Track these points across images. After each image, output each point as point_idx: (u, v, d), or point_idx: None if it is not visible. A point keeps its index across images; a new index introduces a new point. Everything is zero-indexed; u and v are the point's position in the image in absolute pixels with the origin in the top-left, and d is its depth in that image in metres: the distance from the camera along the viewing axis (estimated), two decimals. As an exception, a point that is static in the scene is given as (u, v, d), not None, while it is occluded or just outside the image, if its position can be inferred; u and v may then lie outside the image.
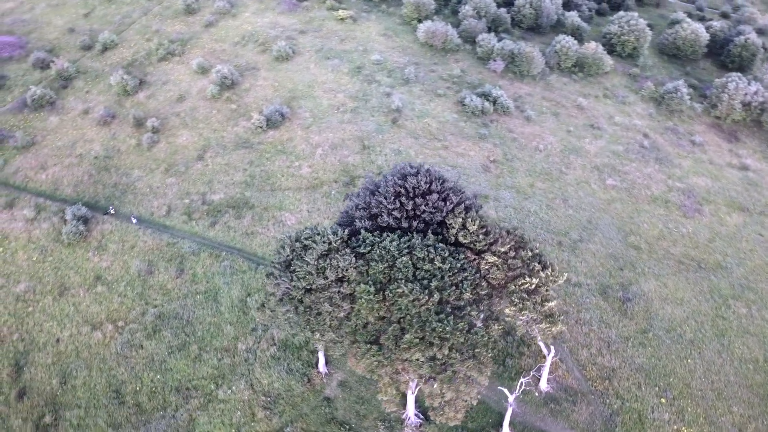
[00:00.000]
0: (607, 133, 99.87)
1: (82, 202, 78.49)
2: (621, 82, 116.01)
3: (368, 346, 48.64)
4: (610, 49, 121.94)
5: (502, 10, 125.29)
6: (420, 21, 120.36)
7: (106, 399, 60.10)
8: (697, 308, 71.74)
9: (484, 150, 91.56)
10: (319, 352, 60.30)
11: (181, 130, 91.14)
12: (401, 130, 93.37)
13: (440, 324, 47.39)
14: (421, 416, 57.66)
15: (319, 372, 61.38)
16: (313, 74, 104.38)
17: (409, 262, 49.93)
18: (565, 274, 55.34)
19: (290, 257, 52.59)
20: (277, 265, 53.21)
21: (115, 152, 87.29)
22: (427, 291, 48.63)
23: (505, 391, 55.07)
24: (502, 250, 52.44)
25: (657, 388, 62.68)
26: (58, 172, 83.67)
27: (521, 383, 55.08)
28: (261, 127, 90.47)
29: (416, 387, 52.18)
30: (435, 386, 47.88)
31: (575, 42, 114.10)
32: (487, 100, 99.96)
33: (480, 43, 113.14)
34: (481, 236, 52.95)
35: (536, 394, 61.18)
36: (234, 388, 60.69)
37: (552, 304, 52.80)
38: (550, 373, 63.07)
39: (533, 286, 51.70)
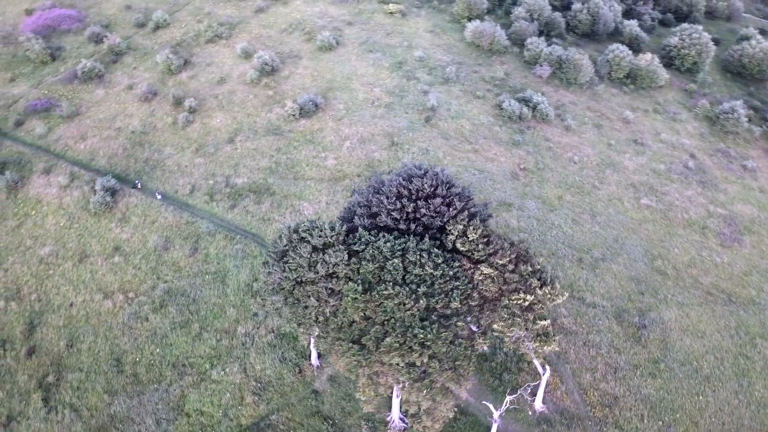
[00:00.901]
0: (651, 149, 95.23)
1: (113, 174, 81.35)
2: (675, 97, 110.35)
3: (350, 344, 48.22)
4: (668, 63, 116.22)
5: (557, 14, 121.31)
6: (470, 20, 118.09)
7: (106, 366, 62.21)
8: (719, 343, 67.57)
9: (516, 157, 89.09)
10: (312, 345, 60.35)
11: (216, 112, 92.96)
12: (433, 129, 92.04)
13: (423, 331, 46.42)
14: (406, 421, 56.85)
15: (311, 364, 61.50)
16: (354, 66, 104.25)
17: (400, 264, 49.10)
18: (566, 294, 53.05)
19: (286, 248, 52.73)
20: (272, 255, 53.47)
21: (151, 128, 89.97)
22: (414, 296, 47.74)
23: (490, 406, 53.54)
24: (500, 262, 50.80)
25: (661, 423, 59.54)
26: (95, 144, 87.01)
27: (507, 400, 53.37)
28: (293, 116, 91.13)
29: (400, 391, 51.42)
30: (411, 393, 47.01)
31: (629, 52, 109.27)
32: (527, 105, 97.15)
33: (528, 47, 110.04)
34: (480, 246, 51.46)
35: (530, 413, 59.21)
36: (227, 370, 61.61)
37: (545, 323, 50.78)
38: (548, 392, 60.98)
39: (527, 303, 49.87)
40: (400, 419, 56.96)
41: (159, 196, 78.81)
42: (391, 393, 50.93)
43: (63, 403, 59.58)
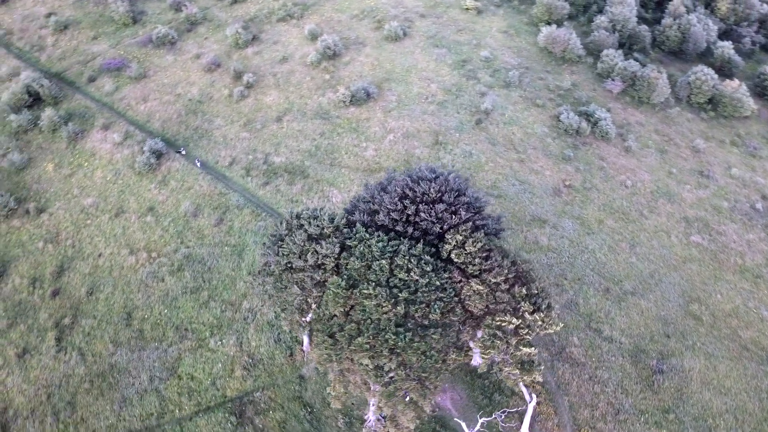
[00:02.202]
0: (717, 184, 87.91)
1: (162, 138, 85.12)
2: (760, 130, 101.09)
3: (325, 337, 48.10)
4: (761, 92, 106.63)
5: (643, 27, 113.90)
6: (548, 24, 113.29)
7: (117, 318, 65.63)
8: (744, 404, 61.83)
9: (563, 172, 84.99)
10: (305, 332, 60.72)
11: (271, 90, 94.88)
12: (482, 132, 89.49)
13: (395, 337, 45.51)
14: (384, 423, 56.14)
15: (302, 350, 61.98)
16: (416, 59, 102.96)
17: (387, 266, 48.22)
18: (560, 324, 50.17)
19: (285, 233, 53.19)
20: (271, 237, 54.12)
21: (207, 98, 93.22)
22: (393, 300, 46.80)
23: (463, 424, 51.86)
24: (494, 280, 48.75)
25: (656, 478, 55.55)
26: (154, 107, 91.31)
27: (480, 422, 51.43)
28: (344, 102, 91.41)
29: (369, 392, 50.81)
30: (375, 397, 46.34)
31: (714, 76, 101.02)
32: (588, 120, 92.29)
33: (603, 59, 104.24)
34: (477, 260, 49.61)
35: (513, 439, 56.94)
36: (224, 341, 63.32)
37: (531, 351, 48.26)
38: (538, 422, 58.30)
39: (512, 326, 47.63)
40: (378, 419, 56.34)
41: (198, 164, 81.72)
42: (361, 392, 50.33)
43: (72, 345, 63.57)
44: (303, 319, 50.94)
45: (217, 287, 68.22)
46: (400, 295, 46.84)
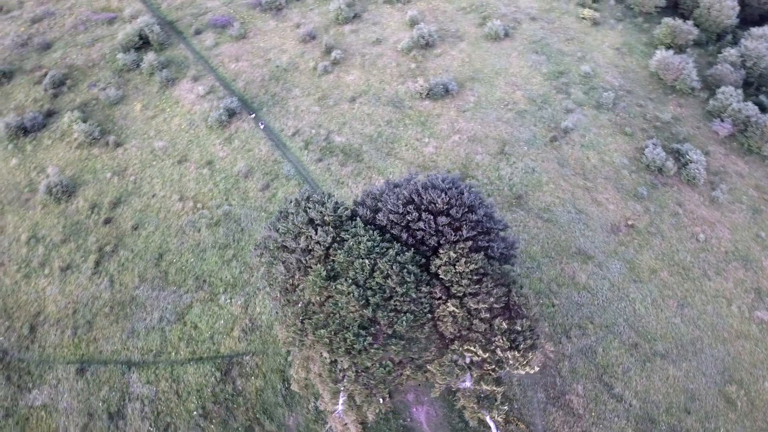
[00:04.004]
0: (812, 259, 76.91)
1: (241, 98, 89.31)
2: None
3: (295, 321, 48.83)
4: None
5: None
6: (669, 47, 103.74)
7: (149, 256, 70.80)
8: None
9: (629, 209, 78.46)
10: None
11: (354, 70, 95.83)
12: (553, 151, 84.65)
13: (354, 338, 45.19)
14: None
15: (298, 327, 63.24)
16: (509, 63, 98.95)
17: (369, 267, 47.66)
18: (536, 368, 46.96)
19: (293, 211, 54.19)
20: (279, 213, 55.40)
21: (293, 68, 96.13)
22: (364, 302, 46.32)
23: (415, 443, 50.60)
24: (474, 306, 46.64)
25: None
26: (243, 67, 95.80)
27: (432, 446, 49.95)
28: (420, 94, 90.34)
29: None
30: (325, 390, 46.50)
31: None
32: (677, 159, 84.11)
33: (717, 95, 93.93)
34: (465, 281, 47.63)
35: (477, 471, 54.79)
36: (233, 301, 66.29)
37: (497, 389, 45.79)
38: (508, 461, 55.59)
39: (479, 359, 45.41)
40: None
41: (262, 126, 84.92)
42: (320, 383, 50.59)
43: (107, 271, 69.62)
44: (284, 298, 51.93)
45: (243, 248, 71.21)
46: (371, 298, 46.26)
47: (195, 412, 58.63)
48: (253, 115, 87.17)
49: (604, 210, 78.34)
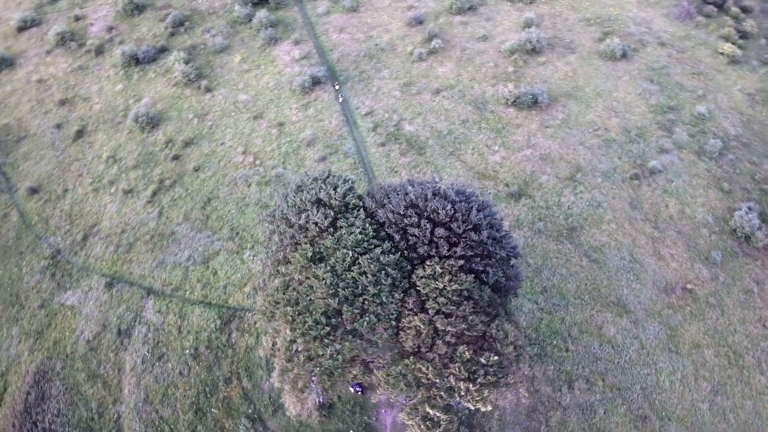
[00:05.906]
0: None
1: (331, 68, 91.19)
2: None
3: (274, 291, 50.09)
4: None
5: None
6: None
7: (199, 198, 75.60)
8: None
9: (693, 272, 70.52)
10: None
11: (449, 62, 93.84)
12: (629, 189, 77.76)
13: (313, 324, 45.57)
14: (358, 390, 57.27)
15: (301, 299, 64.69)
16: (615, 86, 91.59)
17: (350, 260, 47.48)
18: (489, 407, 44.41)
19: (307, 186, 55.14)
20: (296, 186, 56.53)
21: (390, 49, 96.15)
22: (333, 292, 46.36)
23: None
24: (441, 327, 44.96)
25: None
26: (344, 39, 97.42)
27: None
28: (507, 100, 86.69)
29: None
30: (276, 367, 47.46)
31: None
32: (773, 231, 73.89)
33: None
34: (443, 299, 46.01)
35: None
36: (255, 258, 69.08)
37: (441, 416, 44.05)
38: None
39: (428, 382, 43.82)
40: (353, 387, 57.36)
41: (341, 99, 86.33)
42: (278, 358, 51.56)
43: (159, 203, 75.50)
44: (275, 269, 53.27)
45: (281, 212, 73.57)
46: (341, 290, 46.17)
47: (188, 351, 62.56)
48: (338, 87, 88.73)
49: (665, 266, 71.07)
